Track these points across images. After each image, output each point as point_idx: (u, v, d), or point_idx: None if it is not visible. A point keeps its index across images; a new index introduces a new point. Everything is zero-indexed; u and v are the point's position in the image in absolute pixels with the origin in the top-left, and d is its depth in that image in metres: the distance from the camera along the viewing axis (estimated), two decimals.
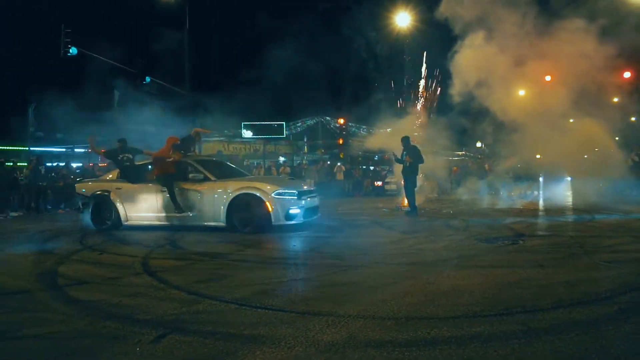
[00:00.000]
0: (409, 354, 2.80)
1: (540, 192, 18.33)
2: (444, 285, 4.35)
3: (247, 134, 36.32)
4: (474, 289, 4.17)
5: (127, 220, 9.01)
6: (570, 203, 13.79)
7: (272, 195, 8.18)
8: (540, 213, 11.29)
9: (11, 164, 16.08)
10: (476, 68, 13.18)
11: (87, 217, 9.16)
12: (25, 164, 17.71)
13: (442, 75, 14.67)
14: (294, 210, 8.29)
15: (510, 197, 17.24)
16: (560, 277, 4.53)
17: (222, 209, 8.34)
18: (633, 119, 15.67)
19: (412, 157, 10.70)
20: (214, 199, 8.49)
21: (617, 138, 16.85)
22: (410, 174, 10.79)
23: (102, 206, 9.11)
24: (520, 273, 4.72)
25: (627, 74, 15.37)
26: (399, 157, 11.12)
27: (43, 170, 14.75)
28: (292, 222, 8.33)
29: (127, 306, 3.90)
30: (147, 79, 19.99)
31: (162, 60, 22.00)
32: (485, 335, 3.07)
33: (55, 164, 18.44)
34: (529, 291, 4.07)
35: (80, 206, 9.43)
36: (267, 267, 5.43)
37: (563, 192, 17.97)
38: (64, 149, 26.20)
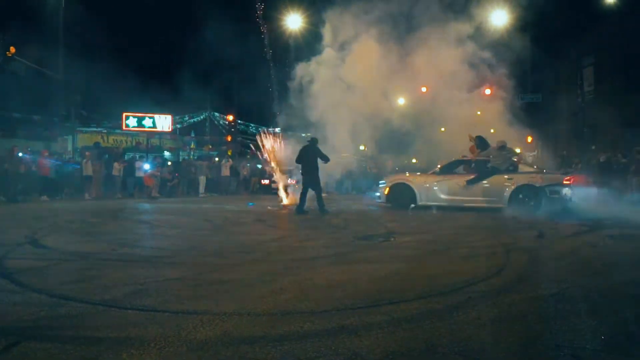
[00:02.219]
0: (281, 348, 2.88)
1: None
2: (319, 280, 4.53)
3: (130, 125, 34.05)
4: (347, 283, 4.40)
5: None
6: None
7: None
8: (411, 214, 12.21)
9: None
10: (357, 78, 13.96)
11: None
12: None
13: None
14: None
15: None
16: (424, 271, 4.99)
17: None
18: (492, 130, 17.68)
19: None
20: None
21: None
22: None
23: None
24: (389, 268, 5.09)
25: (487, 91, 17.30)
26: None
27: None
28: None
29: None
30: (13, 57, 17.74)
31: (33, 39, 19.78)
32: (353, 326, 3.27)
33: None
34: (395, 284, 4.42)
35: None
36: (142, 266, 5.17)
37: None
38: None
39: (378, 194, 12.52)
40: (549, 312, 3.69)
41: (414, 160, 19.70)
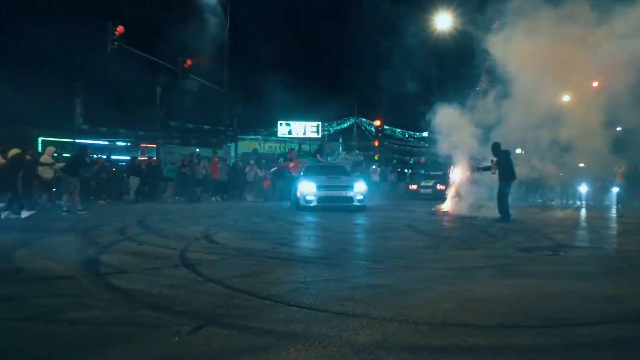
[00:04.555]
0: None
1: (583, 201, 17.73)
2: (480, 293, 4.25)
3: (283, 132, 36.67)
4: (511, 298, 4.06)
5: None
6: (615, 214, 13.24)
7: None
8: (583, 224, 10.88)
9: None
10: (517, 68, 12.87)
11: None
12: (69, 155, 18.45)
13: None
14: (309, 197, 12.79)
15: (551, 205, 16.75)
16: (605, 292, 4.36)
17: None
18: None
19: (497, 163, 10.65)
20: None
21: None
22: (501, 179, 10.59)
23: None
24: (560, 285, 4.56)
25: None
26: (486, 166, 11.24)
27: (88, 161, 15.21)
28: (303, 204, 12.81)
29: (165, 297, 3.99)
30: (188, 76, 20.37)
31: (202, 57, 22.47)
32: (523, 346, 2.99)
33: (98, 156, 19.10)
34: (569, 304, 3.94)
35: None
36: (301, 266, 5.46)
37: (607, 202, 17.34)
38: (106, 142, 27.19)
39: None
40: None
41: (581, 165, 17.64)
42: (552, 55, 12.60)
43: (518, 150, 15.52)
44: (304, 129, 37.53)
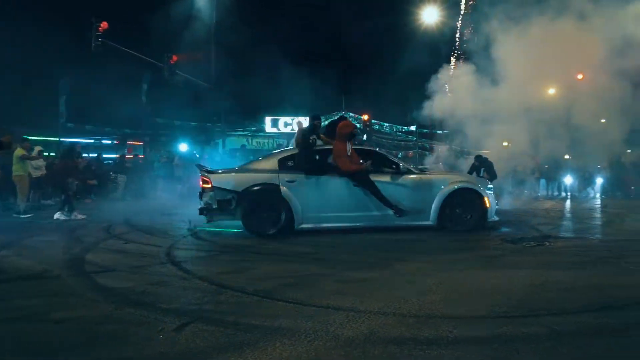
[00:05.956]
0: (430, 352, 2.78)
1: (568, 193, 17.97)
2: (466, 284, 4.29)
3: (271, 128, 36.53)
4: (497, 289, 4.10)
5: (302, 223, 7.36)
6: (600, 205, 13.44)
7: (487, 190, 7.70)
8: (568, 215, 11.01)
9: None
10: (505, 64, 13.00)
11: (235, 220, 7.26)
12: (54, 154, 18.20)
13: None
14: (496, 207, 8.03)
15: (537, 197, 16.93)
16: (589, 281, 4.42)
17: (434, 206, 7.45)
18: None
19: (489, 172, 11.45)
20: (422, 195, 7.51)
21: None
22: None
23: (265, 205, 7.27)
24: (546, 275, 4.61)
25: None
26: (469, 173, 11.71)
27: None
28: (496, 219, 7.94)
29: (151, 294, 3.96)
30: (174, 72, 20.15)
31: (187, 52, 22.26)
32: (508, 336, 3.02)
33: (87, 155, 18.86)
34: (555, 294, 3.99)
35: (214, 205, 7.16)
36: (289, 261, 5.45)
37: (591, 193, 17.61)
38: (92, 140, 26.86)
39: None
40: None
41: (566, 157, 17.85)
42: (538, 48, 12.72)
43: (505, 144, 15.63)
44: (292, 123, 37.42)
